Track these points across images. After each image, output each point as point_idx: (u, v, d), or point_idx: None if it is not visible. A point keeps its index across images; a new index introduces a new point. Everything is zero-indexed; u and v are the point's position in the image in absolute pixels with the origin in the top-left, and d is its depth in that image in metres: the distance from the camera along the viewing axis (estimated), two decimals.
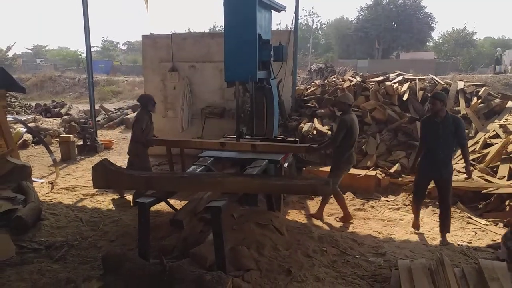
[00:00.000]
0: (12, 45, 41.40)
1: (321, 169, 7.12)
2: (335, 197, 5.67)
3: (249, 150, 5.24)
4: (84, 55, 10.90)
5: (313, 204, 6.38)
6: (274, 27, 7.05)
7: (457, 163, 6.86)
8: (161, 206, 5.39)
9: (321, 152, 7.08)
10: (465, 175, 5.45)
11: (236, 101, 5.81)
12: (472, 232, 5.24)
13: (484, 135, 7.21)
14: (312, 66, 25.05)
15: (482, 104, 8.00)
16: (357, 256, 4.33)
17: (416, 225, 5.34)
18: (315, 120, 8.38)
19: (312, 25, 52.12)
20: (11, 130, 8.11)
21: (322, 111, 8.53)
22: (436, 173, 5.04)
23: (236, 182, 3.86)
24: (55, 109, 16.33)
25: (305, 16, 50.91)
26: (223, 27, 5.69)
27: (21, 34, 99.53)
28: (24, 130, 10.65)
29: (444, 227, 5.04)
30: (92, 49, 12.73)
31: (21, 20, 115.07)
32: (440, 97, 4.95)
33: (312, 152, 5.65)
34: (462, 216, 5.72)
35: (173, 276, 3.16)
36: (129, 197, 6.42)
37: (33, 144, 10.95)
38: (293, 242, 4.41)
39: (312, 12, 52.70)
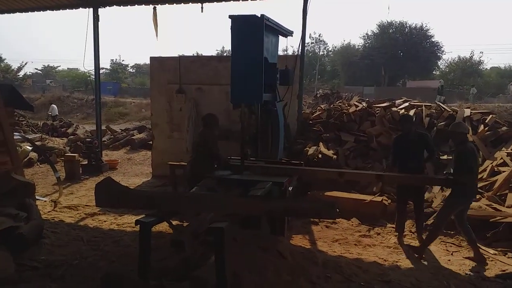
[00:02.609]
0: (23, 65, 42.10)
1: (326, 193, 7.05)
2: (432, 231, 5.32)
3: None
4: (93, 76, 11.06)
5: (318, 230, 6.28)
6: (281, 53, 7.14)
7: None
8: (163, 226, 5.34)
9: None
10: (472, 203, 5.55)
11: (241, 123, 5.82)
12: None
13: (491, 163, 7.12)
14: (318, 92, 25.27)
15: (489, 132, 7.95)
16: (362, 283, 4.22)
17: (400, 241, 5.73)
18: (320, 144, 8.36)
19: (319, 52, 52.81)
20: (17, 148, 8.16)
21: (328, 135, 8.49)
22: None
23: (240, 204, 3.82)
24: (62, 129, 16.46)
25: (312, 43, 51.65)
26: (231, 51, 5.77)
27: (32, 55, 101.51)
28: (30, 148, 10.73)
29: (420, 230, 5.73)
30: (101, 71, 12.94)
31: (33, 41, 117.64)
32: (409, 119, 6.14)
33: (451, 185, 5.33)
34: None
35: None
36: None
37: (38, 163, 10.98)
38: (297, 268, 4.31)
39: (319, 39, 53.26)
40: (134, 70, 61.28)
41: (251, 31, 5.56)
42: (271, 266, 4.12)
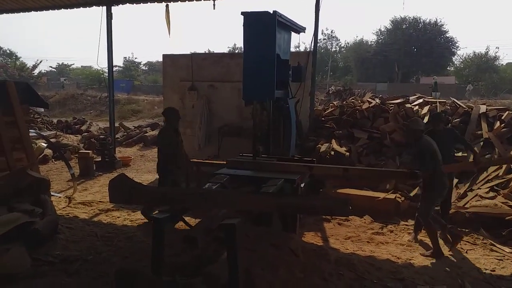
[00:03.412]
0: (38, 63, 42.69)
1: (339, 190, 7.01)
2: (426, 228, 5.32)
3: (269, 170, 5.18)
4: (106, 74, 11.17)
5: (330, 227, 6.26)
6: (293, 49, 7.11)
7: (480, 189, 6.68)
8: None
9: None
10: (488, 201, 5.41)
11: (253, 120, 5.81)
12: (496, 260, 5.03)
13: None
14: (330, 89, 25.12)
15: (505, 129, 7.81)
16: (375, 281, 4.20)
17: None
18: (333, 141, 8.31)
19: (331, 48, 52.47)
20: (32, 145, 8.28)
21: (340, 132, 8.45)
22: None
23: (252, 200, 3.82)
24: (76, 126, 16.67)
25: (324, 39, 51.34)
26: (243, 48, 5.76)
27: (47, 53, 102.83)
28: (45, 145, 10.88)
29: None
30: (114, 69, 13.05)
31: (48, 39, 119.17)
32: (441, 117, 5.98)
33: (415, 179, 5.37)
34: (485, 243, 5.51)
35: None
36: None
37: (53, 159, 11.13)
38: (309, 265, 4.30)
39: (331, 35, 52.90)
40: (146, 68, 61.70)
41: (264, 27, 5.54)
42: (283, 263, 4.11)
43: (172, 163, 5.95)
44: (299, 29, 6.54)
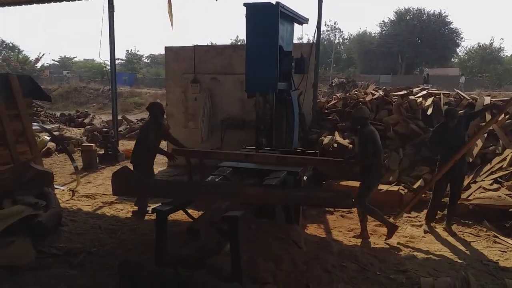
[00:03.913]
0: (41, 57, 42.60)
1: (341, 183, 7.00)
2: (370, 214, 5.46)
3: (270, 162, 5.18)
4: (109, 67, 11.15)
5: (333, 219, 6.26)
6: (296, 41, 7.06)
7: (483, 180, 6.65)
8: (179, 215, 5.38)
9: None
10: (491, 192, 5.43)
11: (256, 113, 5.80)
12: (499, 251, 5.02)
13: (511, 152, 6.96)
14: (333, 81, 25.00)
15: (509, 120, 7.75)
16: (378, 273, 4.20)
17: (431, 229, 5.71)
18: (336, 133, 8.28)
19: (334, 40, 52.17)
20: (36, 138, 8.31)
21: (344, 124, 8.44)
22: None
23: (255, 192, 3.82)
24: (79, 119, 16.69)
25: (327, 31, 51.04)
26: (245, 39, 5.73)
27: (49, 46, 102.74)
28: (49, 138, 10.91)
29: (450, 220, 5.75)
30: (117, 62, 13.02)
31: (50, 32, 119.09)
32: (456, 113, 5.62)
33: (348, 168, 5.53)
34: (488, 235, 5.50)
35: (189, 286, 3.11)
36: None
37: (56, 153, 11.16)
38: (312, 257, 4.31)
39: (335, 27, 52.55)
40: (149, 61, 61.57)
41: (266, 19, 5.51)
42: (286, 255, 4.13)
43: (146, 156, 5.99)
44: (302, 20, 6.50)
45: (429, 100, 8.37)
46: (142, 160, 5.97)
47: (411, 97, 8.55)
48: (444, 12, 41.60)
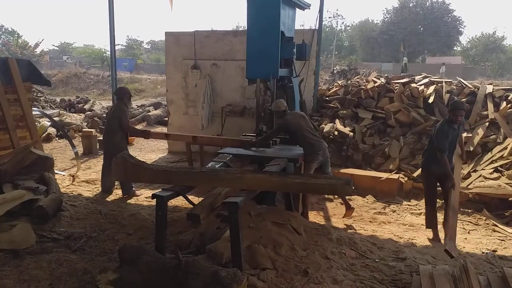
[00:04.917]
0: (40, 42, 42.37)
1: (342, 170, 7.00)
2: None
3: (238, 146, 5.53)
4: (109, 53, 11.05)
5: (332, 206, 6.28)
6: (298, 27, 6.99)
7: (484, 169, 6.65)
8: (179, 201, 5.39)
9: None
10: (491, 181, 5.35)
11: (256, 99, 5.76)
12: (498, 240, 5.05)
13: None
14: (335, 68, 24.86)
15: (511, 109, 7.72)
16: (377, 260, 4.22)
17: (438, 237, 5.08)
18: (337, 121, 8.26)
19: (336, 27, 51.71)
20: (36, 124, 8.28)
21: (345, 111, 8.40)
22: None
23: (255, 179, 3.81)
24: (79, 105, 16.62)
25: (329, 18, 50.53)
26: (246, 24, 5.66)
27: (49, 31, 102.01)
28: (49, 124, 10.88)
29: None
30: (117, 48, 12.91)
31: (49, 17, 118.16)
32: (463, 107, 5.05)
33: (247, 147, 5.52)
34: (487, 224, 5.52)
35: (188, 271, 3.12)
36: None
37: (57, 138, 11.16)
38: (311, 243, 4.32)
39: (337, 14, 52.00)
40: (149, 47, 61.17)
41: (268, 3, 5.44)
42: (285, 241, 4.14)
43: (122, 142, 6.24)
44: (304, 6, 6.42)
45: (431, 88, 8.32)
46: (124, 147, 6.07)
47: (413, 85, 8.50)
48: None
